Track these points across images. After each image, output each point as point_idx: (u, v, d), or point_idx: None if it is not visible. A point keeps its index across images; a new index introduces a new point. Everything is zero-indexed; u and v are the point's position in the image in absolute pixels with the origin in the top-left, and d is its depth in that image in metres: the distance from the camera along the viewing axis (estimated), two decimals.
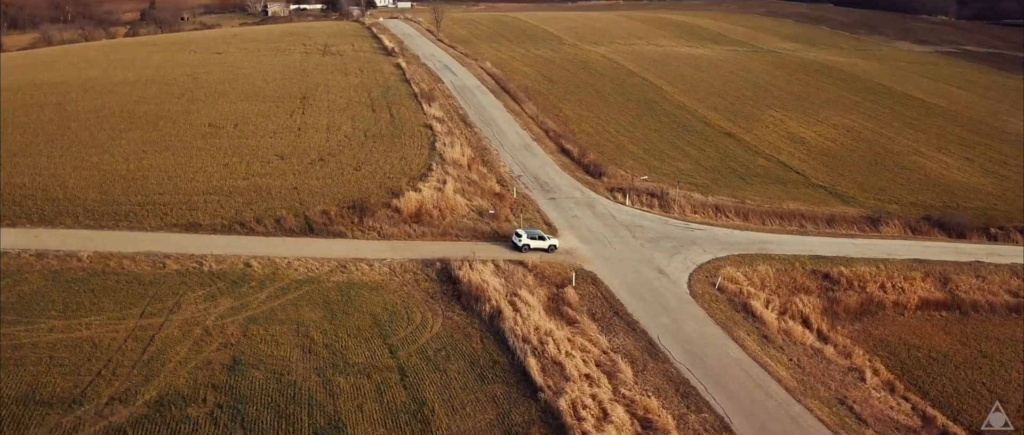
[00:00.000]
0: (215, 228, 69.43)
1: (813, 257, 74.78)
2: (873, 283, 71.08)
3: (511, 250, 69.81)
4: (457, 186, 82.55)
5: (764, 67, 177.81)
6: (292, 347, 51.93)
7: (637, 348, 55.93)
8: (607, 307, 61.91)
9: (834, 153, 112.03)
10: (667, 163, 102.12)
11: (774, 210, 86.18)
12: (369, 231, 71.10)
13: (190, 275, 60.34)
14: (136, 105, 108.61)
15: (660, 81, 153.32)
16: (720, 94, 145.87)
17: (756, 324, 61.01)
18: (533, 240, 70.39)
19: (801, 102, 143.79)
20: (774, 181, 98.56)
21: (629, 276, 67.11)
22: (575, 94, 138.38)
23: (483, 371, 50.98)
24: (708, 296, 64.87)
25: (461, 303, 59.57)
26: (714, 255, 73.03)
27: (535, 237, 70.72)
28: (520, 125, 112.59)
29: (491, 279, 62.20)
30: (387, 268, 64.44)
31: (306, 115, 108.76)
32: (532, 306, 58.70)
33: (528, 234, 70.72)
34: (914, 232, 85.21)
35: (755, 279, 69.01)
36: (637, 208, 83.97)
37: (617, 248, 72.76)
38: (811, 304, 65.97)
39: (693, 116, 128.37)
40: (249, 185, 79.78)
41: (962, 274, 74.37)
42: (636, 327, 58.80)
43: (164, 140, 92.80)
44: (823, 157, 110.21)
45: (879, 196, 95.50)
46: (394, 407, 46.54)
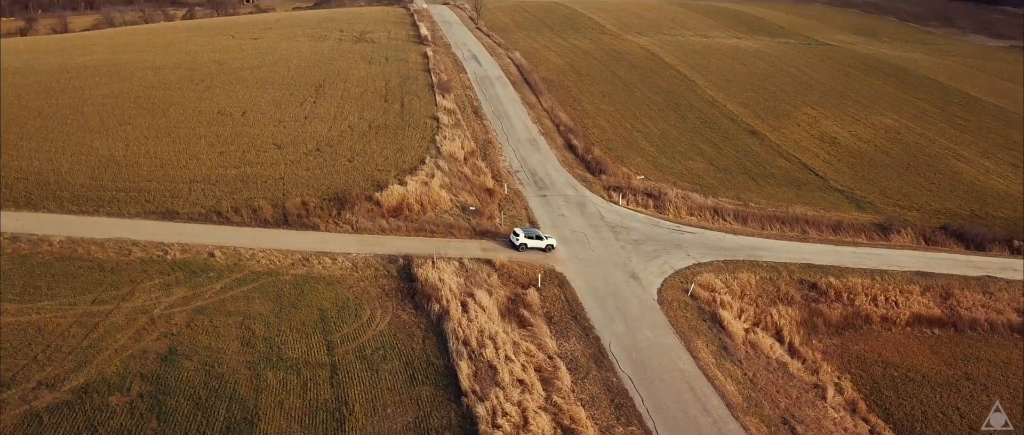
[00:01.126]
0: (192, 217, 71.44)
1: (805, 265, 72.42)
2: (863, 295, 68.45)
3: (498, 248, 69.82)
4: (445, 180, 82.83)
5: (812, 61, 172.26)
6: (232, 339, 53.18)
7: (585, 355, 55.30)
8: (567, 311, 61.36)
9: (864, 155, 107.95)
10: (677, 161, 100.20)
11: (777, 214, 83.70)
12: (343, 224, 72.02)
13: (153, 263, 62.36)
14: (153, 91, 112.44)
15: (695, 75, 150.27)
16: (756, 89, 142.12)
17: (720, 335, 59.53)
18: (530, 239, 70.47)
19: (843, 99, 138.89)
20: (789, 183, 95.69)
21: (598, 279, 66.31)
22: (601, 86, 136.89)
23: (416, 372, 51.24)
24: (677, 303, 63.57)
25: (414, 301, 59.93)
26: (697, 260, 71.45)
27: (532, 236, 70.71)
28: (532, 118, 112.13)
29: (450, 278, 62.28)
30: (350, 263, 65.25)
31: (317, 104, 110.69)
32: (485, 307, 58.58)
33: (525, 233, 70.73)
34: (928, 242, 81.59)
35: (734, 287, 67.27)
36: (630, 208, 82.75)
37: (595, 250, 71.92)
38: (789, 315, 63.98)
39: (720, 112, 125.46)
40: (238, 174, 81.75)
41: (967, 289, 70.90)
42: (590, 333, 58.12)
43: (169, 126, 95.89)
44: (850, 159, 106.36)
45: (900, 202, 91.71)
46: (315, 405, 47.24)
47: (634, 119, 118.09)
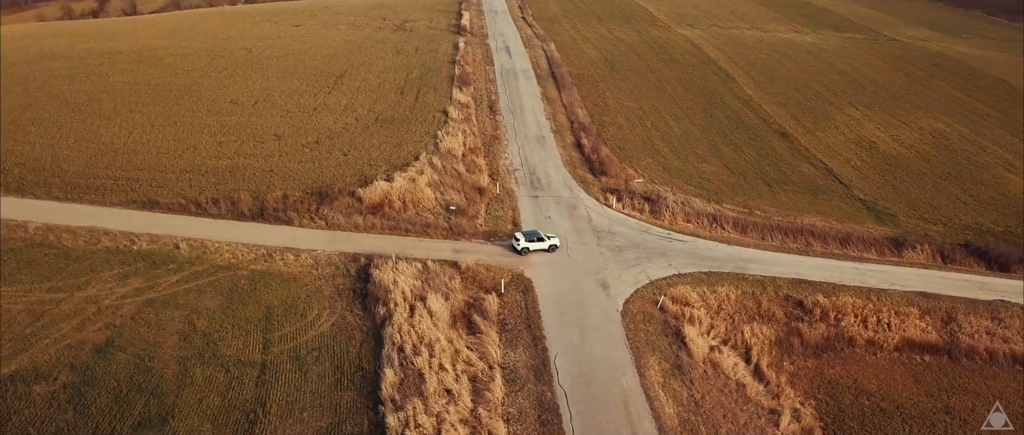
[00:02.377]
0: (171, 207, 73.59)
1: (795, 281, 69.62)
2: (853, 316, 65.39)
3: (472, 249, 69.68)
4: (434, 178, 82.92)
5: (871, 58, 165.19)
6: (171, 333, 54.61)
7: (527, 366, 54.58)
8: (523, 318, 60.66)
9: (901, 161, 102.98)
10: (690, 164, 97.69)
11: (781, 224, 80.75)
12: (318, 220, 72.94)
13: (117, 253, 64.53)
14: (174, 78, 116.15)
15: (736, 71, 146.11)
16: (800, 88, 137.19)
17: (678, 352, 57.82)
18: (532, 242, 69.87)
19: (895, 100, 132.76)
20: (807, 191, 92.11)
21: (566, 287, 65.28)
22: (631, 81, 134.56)
23: (344, 377, 51.57)
24: (642, 316, 62.04)
25: (364, 303, 60.21)
26: (678, 271, 69.57)
27: (533, 238, 70.12)
28: (547, 114, 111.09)
29: (406, 280, 62.34)
30: (312, 260, 66.06)
31: (331, 95, 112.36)
32: (433, 312, 58.41)
33: (526, 237, 70.17)
34: (945, 260, 77.31)
35: (710, 301, 65.21)
36: (624, 212, 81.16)
37: (573, 255, 70.83)
38: (763, 334, 61.63)
39: (753, 112, 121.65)
40: (230, 165, 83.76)
41: (973, 314, 66.90)
42: (540, 343, 57.31)
43: (177, 115, 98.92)
44: (884, 166, 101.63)
45: (926, 215, 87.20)
46: (233, 404, 48.09)
47: (657, 117, 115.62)
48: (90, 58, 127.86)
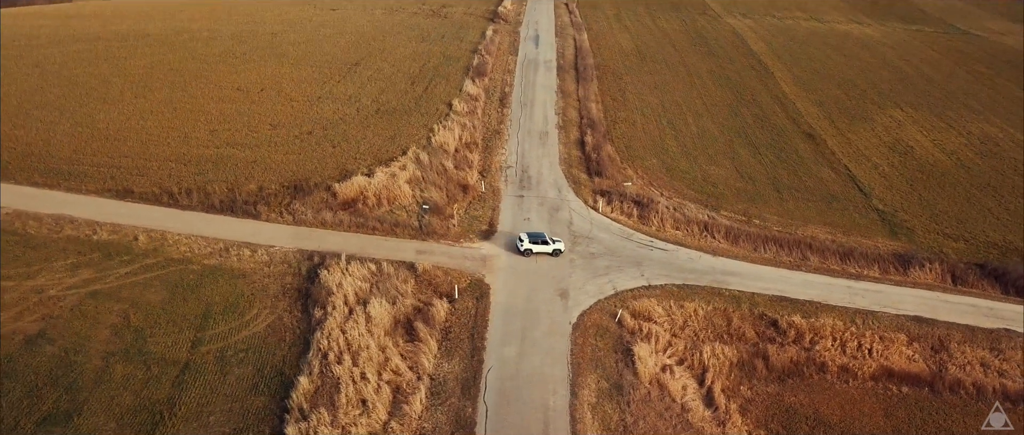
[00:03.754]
0: (145, 197, 75.25)
1: (776, 298, 66.77)
2: (830, 339, 62.33)
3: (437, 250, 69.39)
4: (416, 174, 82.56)
5: (934, 53, 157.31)
6: (105, 327, 55.78)
7: (458, 379, 53.80)
8: (468, 327, 59.82)
9: (936, 169, 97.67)
10: (698, 166, 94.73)
11: (778, 235, 77.57)
12: (286, 215, 73.41)
13: (77, 242, 66.35)
14: (189, 63, 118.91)
15: (776, 65, 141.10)
16: (844, 85, 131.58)
17: (623, 371, 56.07)
18: (535, 244, 69.17)
19: (948, 100, 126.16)
20: (819, 199, 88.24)
21: (523, 295, 64.12)
22: (660, 75, 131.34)
23: (262, 381, 51.76)
24: (595, 330, 60.42)
25: (306, 304, 60.31)
26: (649, 282, 67.52)
27: (537, 241, 69.39)
28: (557, 109, 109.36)
29: (353, 282, 62.19)
30: (267, 256, 66.58)
31: (340, 83, 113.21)
32: (372, 317, 58.07)
33: (529, 238, 69.50)
34: (955, 280, 72.99)
35: (675, 317, 63.08)
36: (611, 216, 79.28)
37: (541, 260, 69.50)
38: (724, 355, 59.29)
39: (784, 110, 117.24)
40: (215, 155, 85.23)
41: (970, 343, 63.00)
42: (478, 355, 56.41)
43: (180, 101, 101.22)
44: (916, 173, 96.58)
45: (949, 230, 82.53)
46: (144, 404, 48.79)
47: (676, 113, 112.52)
48: (115, 41, 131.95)
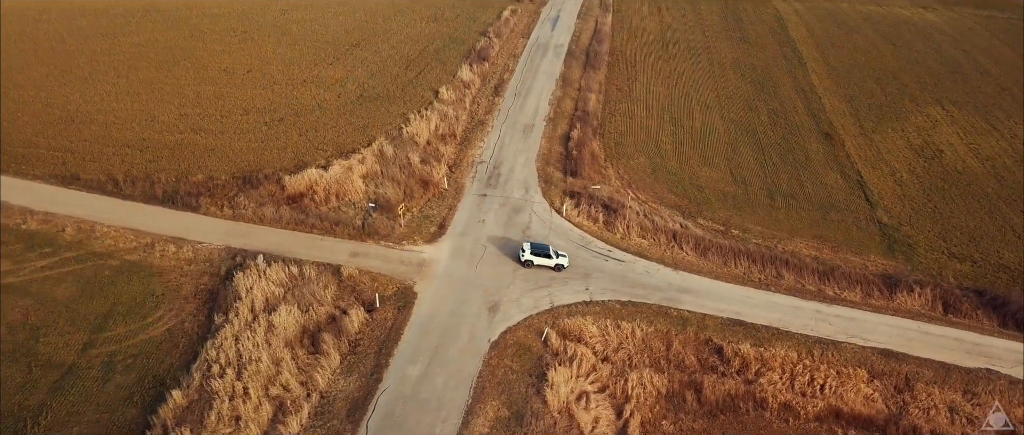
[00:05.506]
0: (89, 184, 75.66)
1: (729, 322, 63.10)
2: (779, 371, 58.60)
3: (374, 253, 68.05)
4: (375, 168, 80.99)
5: (999, 44, 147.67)
6: (3, 325, 55.84)
7: (348, 399, 52.33)
8: (379, 341, 58.18)
9: (963, 176, 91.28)
10: (688, 167, 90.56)
11: (755, 249, 73.45)
12: (227, 208, 72.76)
13: (3, 232, 66.81)
14: (184, 41, 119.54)
15: (812, 54, 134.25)
16: (883, 77, 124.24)
17: (532, 398, 53.61)
18: (537, 256, 67.03)
19: (999, 98, 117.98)
20: (816, 208, 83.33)
21: (449, 307, 62.04)
22: (677, 63, 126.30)
23: (141, 391, 51.32)
24: (515, 350, 57.99)
25: (211, 308, 59.49)
26: (592, 297, 64.61)
27: (540, 253, 67.18)
28: (553, 99, 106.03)
29: (267, 286, 61.14)
30: (192, 253, 66.07)
31: (331, 66, 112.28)
32: (275, 326, 56.94)
33: (532, 249, 67.43)
34: (947, 309, 67.84)
35: (610, 338, 60.10)
36: (575, 220, 76.29)
37: (480, 268, 67.27)
38: (652, 385, 56.27)
39: (806, 105, 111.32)
40: (176, 140, 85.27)
41: (941, 384, 58.45)
42: (379, 372, 54.78)
43: (160, 82, 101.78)
44: (938, 181, 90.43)
45: (956, 248, 77.02)
46: (12, 410, 48.84)
47: (683, 106, 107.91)
48: (122, 16, 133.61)
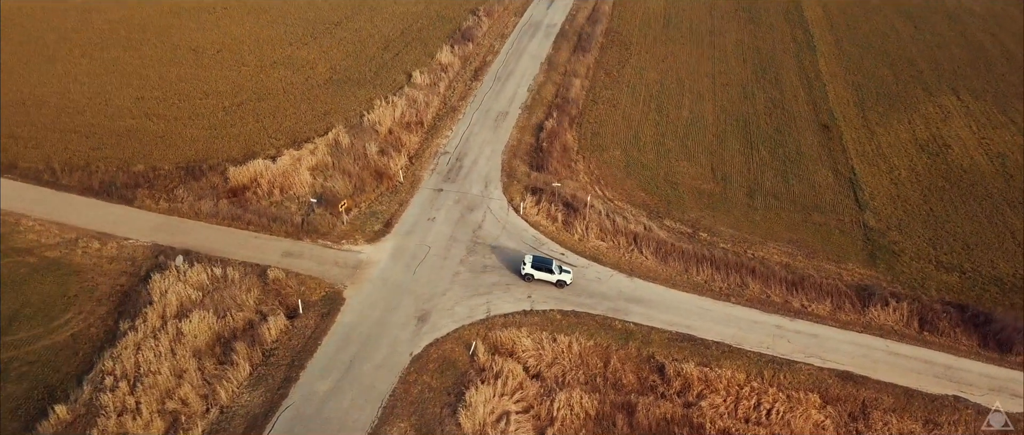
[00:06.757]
0: (26, 174, 74.58)
1: (677, 337, 60.12)
2: (723, 394, 55.68)
3: (309, 253, 66.22)
4: (325, 160, 78.94)
5: None
6: None
7: (248, 416, 50.66)
8: (295, 352, 56.20)
9: (968, 175, 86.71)
10: (666, 161, 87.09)
11: (720, 255, 70.30)
12: (164, 201, 71.11)
13: None
14: (158, 18, 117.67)
15: (825, 37, 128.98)
16: (897, 63, 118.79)
17: (445, 419, 51.29)
18: (538, 270, 64.01)
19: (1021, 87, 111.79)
20: (799, 209, 79.66)
21: (375, 315, 59.87)
22: (676, 45, 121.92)
23: (28, 403, 50.20)
24: (438, 364, 55.72)
25: (122, 311, 57.89)
26: (533, 306, 62.00)
27: (542, 267, 64.14)
28: (533, 85, 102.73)
29: (184, 289, 59.47)
30: (116, 250, 64.68)
31: (306, 45, 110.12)
32: (184, 334, 55.21)
33: (533, 262, 64.30)
34: (923, 325, 64.09)
35: (545, 352, 57.45)
36: (532, 219, 73.52)
37: (420, 272, 64.94)
38: (580, 406, 53.63)
39: (808, 93, 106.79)
40: (126, 126, 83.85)
41: (900, 413, 55.27)
42: (287, 387, 52.89)
43: (125, 62, 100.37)
44: (939, 180, 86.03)
45: (945, 257, 73.20)
46: None
47: (673, 93, 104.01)
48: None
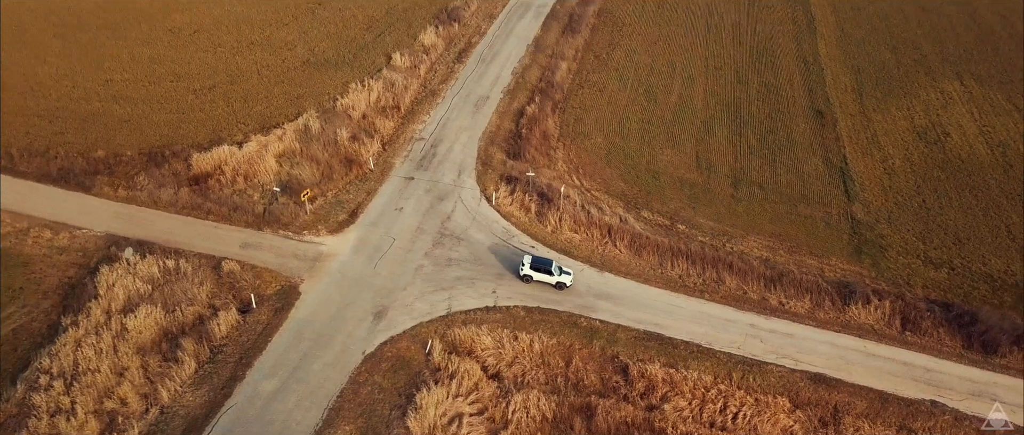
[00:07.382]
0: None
1: (645, 335, 58.45)
2: (687, 397, 54.06)
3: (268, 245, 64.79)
4: (293, 146, 77.42)
5: None
6: None
7: (189, 417, 49.51)
8: (245, 349, 54.93)
9: (966, 165, 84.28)
10: (650, 149, 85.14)
11: (697, 249, 68.54)
12: (121, 189, 69.84)
13: None
14: None
15: (828, 18, 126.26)
16: (900, 46, 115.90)
17: (393, 423, 49.89)
18: (537, 271, 62.15)
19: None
20: (785, 200, 77.69)
21: (330, 311, 58.49)
22: (671, 27, 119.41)
23: None
24: (391, 364, 54.31)
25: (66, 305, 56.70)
26: (496, 302, 60.45)
27: (541, 268, 62.26)
28: (518, 68, 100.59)
29: (132, 282, 58.23)
30: (68, 241, 63.41)
31: (286, 26, 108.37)
32: (129, 330, 54.01)
33: (532, 263, 62.43)
34: (905, 324, 62.13)
35: (505, 351, 55.91)
36: (504, 210, 71.83)
37: (380, 266, 63.43)
38: (537, 408, 52.08)
39: (804, 77, 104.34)
40: (91, 110, 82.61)
41: (873, 418, 53.66)
42: (232, 386, 51.70)
43: (101, 44, 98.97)
44: (937, 170, 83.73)
45: (934, 253, 71.15)
46: None
47: (663, 77, 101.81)
48: None
